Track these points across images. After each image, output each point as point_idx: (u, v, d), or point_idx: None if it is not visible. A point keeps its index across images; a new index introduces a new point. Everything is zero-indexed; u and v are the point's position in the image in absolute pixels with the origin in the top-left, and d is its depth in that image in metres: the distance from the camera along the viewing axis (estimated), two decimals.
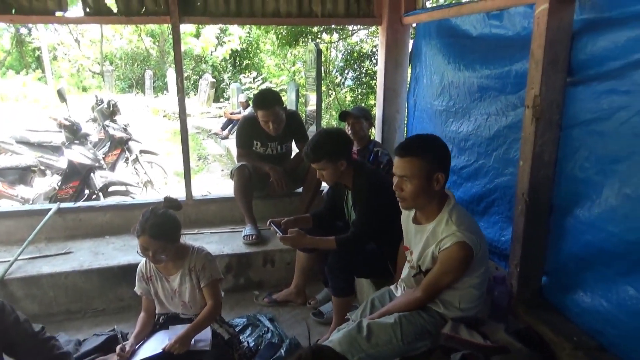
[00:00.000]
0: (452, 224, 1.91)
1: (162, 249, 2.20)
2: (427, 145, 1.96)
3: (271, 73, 17.62)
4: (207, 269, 2.36)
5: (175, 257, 2.33)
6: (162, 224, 2.19)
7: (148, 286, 2.42)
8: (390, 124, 3.99)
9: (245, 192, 3.51)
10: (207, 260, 2.38)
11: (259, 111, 3.44)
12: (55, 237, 3.53)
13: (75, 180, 5.15)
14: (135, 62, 20.60)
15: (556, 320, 2.13)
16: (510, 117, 2.57)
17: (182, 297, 2.39)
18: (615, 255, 1.85)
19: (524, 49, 2.25)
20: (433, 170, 1.91)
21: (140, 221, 2.19)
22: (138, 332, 2.38)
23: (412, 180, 1.91)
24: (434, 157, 1.93)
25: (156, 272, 2.40)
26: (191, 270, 2.35)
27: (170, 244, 2.25)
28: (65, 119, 5.73)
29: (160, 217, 2.20)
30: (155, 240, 2.17)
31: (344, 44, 11.88)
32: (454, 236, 1.87)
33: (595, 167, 1.95)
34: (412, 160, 1.90)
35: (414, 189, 1.92)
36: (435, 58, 3.38)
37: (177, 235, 2.29)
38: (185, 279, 2.36)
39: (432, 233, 1.98)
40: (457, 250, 1.86)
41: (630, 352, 1.81)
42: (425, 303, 2.05)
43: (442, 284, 1.97)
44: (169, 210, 2.29)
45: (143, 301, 2.47)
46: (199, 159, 9.51)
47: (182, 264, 2.36)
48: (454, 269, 1.91)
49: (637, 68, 1.75)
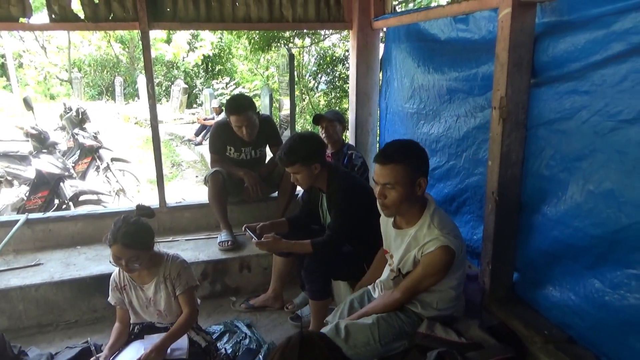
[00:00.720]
0: (435, 228, 1.93)
1: (135, 258, 2.17)
2: (408, 151, 1.96)
3: (244, 78, 17.50)
4: (182, 276, 2.33)
5: (149, 265, 2.30)
6: (134, 233, 2.15)
7: (122, 296, 2.38)
8: (363, 127, 4.03)
9: (220, 198, 3.49)
10: (182, 268, 2.35)
11: (232, 116, 3.43)
12: (24, 249, 3.44)
13: (44, 190, 5.03)
14: (105, 68, 20.21)
15: (528, 315, 2.18)
16: (479, 118, 2.63)
17: (157, 306, 2.36)
18: (581, 250, 1.91)
19: (490, 52, 2.31)
20: (416, 175, 1.92)
21: (112, 230, 2.15)
22: (112, 343, 2.33)
23: (396, 187, 1.91)
24: (416, 163, 1.94)
25: (130, 281, 2.36)
26: (166, 278, 2.32)
27: (144, 252, 2.21)
28: (32, 127, 5.60)
29: (132, 226, 2.17)
30: (128, 249, 2.13)
31: (316, 48, 11.91)
32: (438, 240, 1.89)
33: (560, 165, 2.01)
34: (396, 167, 1.90)
35: (398, 196, 1.92)
36: (405, 62, 3.44)
37: (150, 243, 2.26)
38: (160, 287, 2.33)
39: (414, 237, 1.99)
40: (440, 254, 1.88)
41: (599, 343, 1.87)
42: (403, 304, 2.07)
43: (422, 287, 1.99)
44: (141, 218, 2.25)
45: (117, 311, 2.43)
46: (173, 166, 9.40)
47: (156, 272, 2.33)
48: (436, 272, 1.93)
49: (596, 69, 1.82)
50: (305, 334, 1.29)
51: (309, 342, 1.26)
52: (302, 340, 1.26)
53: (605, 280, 1.79)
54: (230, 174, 3.54)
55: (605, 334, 1.81)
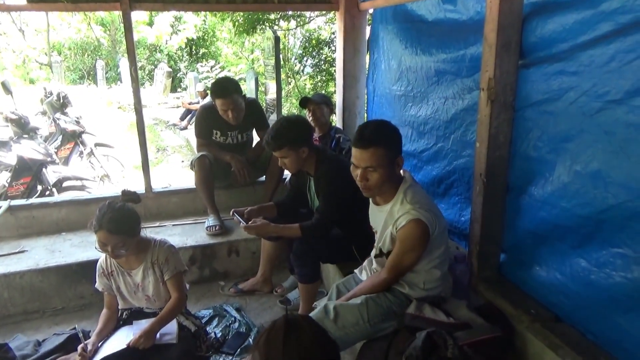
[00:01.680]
0: (407, 203, 1.96)
1: (121, 244, 2.15)
2: (385, 132, 1.99)
3: (229, 61, 17.29)
4: (170, 261, 2.32)
5: (136, 250, 2.29)
6: (119, 218, 2.13)
7: (109, 282, 2.36)
8: (350, 110, 4.01)
9: (207, 182, 3.46)
10: (170, 253, 2.34)
11: (218, 100, 3.38)
12: (7, 236, 3.38)
13: (26, 176, 4.94)
14: (86, 52, 19.73)
15: (515, 295, 2.21)
16: (467, 100, 2.62)
17: (145, 292, 2.35)
18: (568, 230, 1.93)
19: (478, 33, 2.29)
20: (394, 155, 1.97)
21: (97, 216, 2.12)
22: (100, 329, 2.32)
23: (378, 169, 1.94)
24: (393, 143, 1.97)
25: (117, 267, 2.34)
26: (154, 264, 2.31)
27: (130, 238, 2.20)
28: (11, 112, 5.47)
29: (117, 211, 2.14)
30: (114, 235, 2.11)
31: (301, 31, 11.78)
32: (409, 214, 1.92)
33: (547, 146, 2.02)
34: (376, 151, 1.92)
35: (379, 177, 1.95)
36: (392, 43, 3.41)
37: (136, 228, 2.24)
38: (148, 272, 2.32)
39: (390, 214, 2.02)
40: (412, 227, 1.91)
41: (584, 321, 1.90)
42: (391, 284, 2.09)
43: (405, 264, 2.01)
44: (126, 204, 2.23)
45: (105, 297, 2.41)
46: (158, 151, 9.28)
47: (144, 258, 2.31)
48: (413, 246, 1.95)
49: (584, 49, 1.82)
50: (290, 318, 1.29)
51: (293, 325, 1.27)
52: (287, 324, 1.26)
53: (591, 260, 1.82)
54: (216, 158, 3.51)
55: (590, 311, 1.84)
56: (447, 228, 2.11)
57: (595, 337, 1.85)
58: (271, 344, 1.25)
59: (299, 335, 1.25)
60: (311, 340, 1.26)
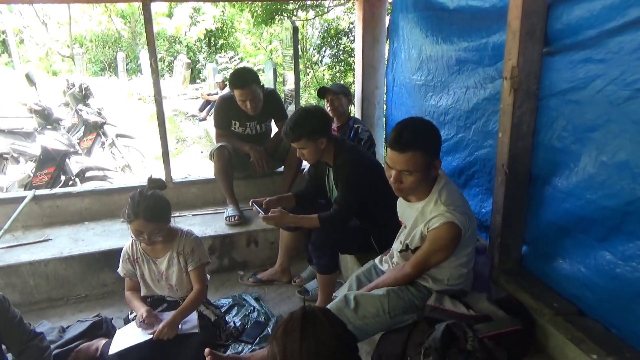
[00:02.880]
0: (442, 204, 1.90)
1: (157, 231, 2.20)
2: (424, 136, 1.89)
3: (247, 52, 17.31)
4: (196, 252, 2.36)
5: (164, 239, 2.32)
6: (154, 206, 2.17)
7: (134, 268, 2.40)
8: (369, 100, 3.98)
9: (226, 173, 3.47)
10: (196, 244, 2.38)
11: (236, 90, 3.38)
12: (32, 225, 3.46)
13: (50, 166, 5.03)
14: (107, 44, 20.00)
15: (536, 288, 2.18)
16: (489, 89, 2.57)
17: (168, 280, 2.38)
18: (593, 222, 1.89)
19: (501, 20, 2.25)
20: (432, 159, 1.89)
21: (131, 205, 2.15)
22: (138, 303, 2.36)
23: (414, 173, 1.87)
24: (432, 147, 1.90)
25: (143, 254, 2.38)
26: (179, 254, 2.34)
27: (164, 224, 2.25)
28: (35, 103, 5.57)
29: (151, 199, 2.18)
30: (150, 222, 2.16)
31: (320, 21, 11.71)
32: (443, 216, 1.87)
33: (572, 136, 1.97)
34: (414, 156, 1.83)
35: (415, 180, 1.88)
36: (412, 32, 3.36)
37: (169, 215, 2.29)
38: (173, 261, 2.35)
39: (421, 212, 1.98)
40: (445, 230, 1.87)
41: (608, 315, 1.86)
42: (414, 279, 2.07)
43: (431, 262, 1.98)
44: (156, 191, 2.26)
45: (126, 282, 2.46)
46: (178, 142, 9.38)
47: (170, 247, 2.35)
48: (442, 248, 1.92)
49: (612, 36, 1.76)
50: (308, 310, 1.29)
51: (311, 317, 1.27)
52: (304, 316, 1.26)
53: (617, 253, 1.77)
54: (235, 148, 3.52)
55: (615, 305, 1.80)
56: (476, 228, 2.05)
57: (620, 331, 1.82)
58: (288, 336, 1.25)
59: (316, 328, 1.26)
60: (328, 332, 1.26)
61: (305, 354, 1.23)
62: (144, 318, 2.23)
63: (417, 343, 1.88)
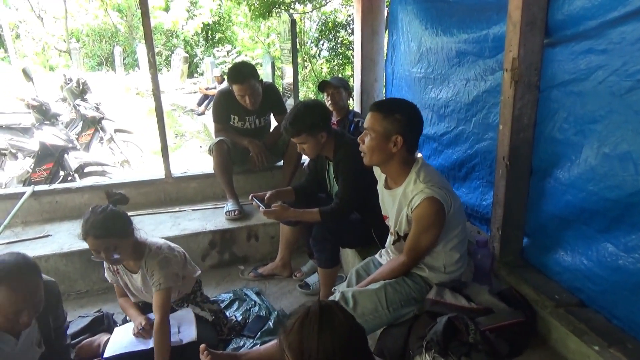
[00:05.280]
0: (420, 182, 1.94)
1: (112, 248, 2.06)
2: (396, 106, 1.99)
3: (245, 46, 17.23)
4: (156, 274, 2.16)
5: (133, 256, 2.19)
6: (103, 222, 2.03)
7: (116, 277, 2.36)
8: (368, 93, 3.96)
9: (225, 167, 3.46)
10: (159, 266, 2.17)
11: (234, 85, 3.36)
12: (32, 221, 3.45)
13: (49, 162, 5.01)
14: (103, 38, 19.86)
15: (538, 280, 2.18)
16: (489, 81, 2.56)
17: (150, 293, 2.25)
18: (595, 214, 1.88)
19: (501, 12, 2.23)
20: (393, 131, 1.93)
21: (82, 224, 2.05)
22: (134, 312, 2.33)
23: (371, 134, 1.96)
24: (399, 119, 1.93)
25: (121, 267, 2.30)
26: (147, 273, 2.21)
27: (120, 241, 2.09)
28: (33, 99, 5.53)
29: (100, 215, 2.05)
30: (100, 239, 2.03)
31: (317, 14, 11.66)
32: (423, 193, 1.89)
33: (574, 128, 1.96)
34: (377, 116, 1.95)
35: (371, 143, 1.97)
36: (412, 24, 3.33)
37: (126, 230, 2.13)
38: (146, 279, 2.23)
39: (403, 195, 2.00)
40: (427, 206, 1.88)
41: (610, 306, 1.86)
42: (410, 267, 2.07)
43: (423, 244, 1.97)
44: (109, 207, 2.13)
45: (115, 288, 2.42)
46: (176, 136, 9.35)
47: (140, 264, 2.22)
48: (429, 225, 1.92)
49: (614, 26, 1.75)
50: (324, 304, 1.29)
51: (328, 312, 1.27)
52: (321, 311, 1.26)
53: (619, 244, 1.77)
54: (234, 143, 3.51)
55: (617, 297, 1.80)
56: (462, 207, 2.07)
57: (622, 322, 1.82)
58: (305, 331, 1.25)
59: (333, 323, 1.26)
60: (344, 327, 1.27)
61: (322, 347, 1.23)
62: (142, 326, 2.19)
63: (418, 336, 1.88)
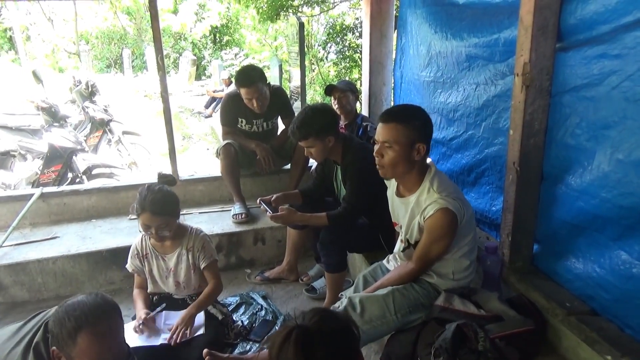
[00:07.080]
0: (434, 192, 1.91)
1: (164, 225, 2.21)
2: (411, 113, 1.96)
3: (253, 49, 17.29)
4: (206, 249, 2.38)
5: (173, 235, 2.32)
6: (161, 200, 2.17)
7: (142, 264, 2.40)
8: (377, 97, 3.95)
9: (233, 170, 3.46)
10: (206, 241, 2.40)
11: (242, 89, 3.36)
12: (40, 223, 3.46)
13: (57, 163, 5.03)
14: (112, 40, 20.02)
15: (548, 287, 2.14)
16: (500, 86, 2.53)
17: (176, 277, 2.38)
18: (608, 221, 1.85)
19: (512, 15, 2.21)
20: (416, 139, 1.90)
21: (139, 199, 2.17)
22: (142, 305, 2.35)
23: (394, 146, 1.90)
24: (418, 126, 1.91)
25: (152, 250, 2.38)
26: (189, 250, 2.35)
27: (172, 219, 2.25)
28: (42, 101, 5.57)
29: (158, 193, 2.18)
30: (157, 216, 2.16)
31: (325, 17, 11.66)
32: (436, 203, 1.86)
33: (586, 134, 1.93)
34: (396, 127, 1.89)
35: (394, 155, 1.91)
36: (421, 28, 3.31)
37: (177, 209, 2.29)
38: (182, 258, 2.36)
39: (416, 204, 1.97)
40: (441, 216, 1.86)
41: (623, 315, 1.83)
42: (418, 274, 2.05)
43: (433, 253, 1.96)
44: (164, 186, 2.26)
45: (135, 278, 2.46)
46: (183, 139, 9.37)
47: (179, 243, 2.36)
48: (441, 236, 1.90)
49: (628, 31, 1.72)
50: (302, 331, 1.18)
51: (306, 341, 1.17)
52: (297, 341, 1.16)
53: (633, 252, 1.74)
54: (242, 146, 3.50)
55: (631, 306, 1.77)
56: (474, 216, 2.05)
57: (635, 331, 1.78)
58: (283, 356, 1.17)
59: (310, 351, 1.16)
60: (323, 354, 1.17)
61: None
62: (141, 321, 2.22)
63: (427, 343, 1.85)
